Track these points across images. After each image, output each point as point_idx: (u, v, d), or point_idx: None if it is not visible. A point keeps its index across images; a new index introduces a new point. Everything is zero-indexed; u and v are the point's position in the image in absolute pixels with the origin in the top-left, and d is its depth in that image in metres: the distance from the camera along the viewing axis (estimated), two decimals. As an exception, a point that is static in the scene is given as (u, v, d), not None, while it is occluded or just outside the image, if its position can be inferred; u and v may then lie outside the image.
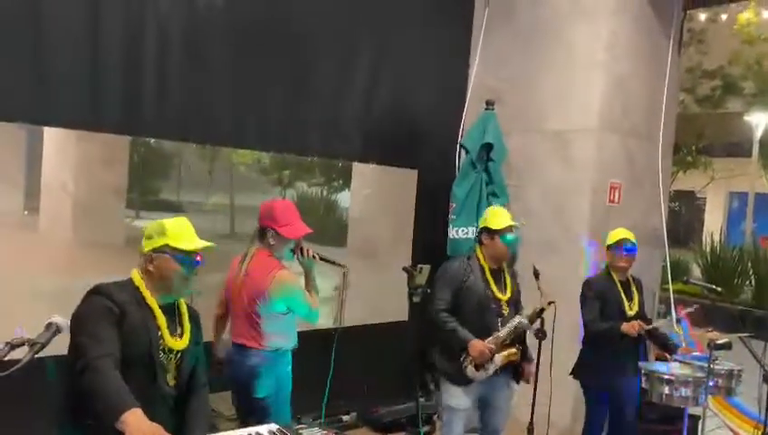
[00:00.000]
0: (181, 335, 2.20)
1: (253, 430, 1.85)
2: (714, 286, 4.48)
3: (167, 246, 2.15)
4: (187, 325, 2.24)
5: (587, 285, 3.86)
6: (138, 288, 2.14)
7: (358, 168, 6.07)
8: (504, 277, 3.47)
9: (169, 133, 3.92)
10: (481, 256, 3.42)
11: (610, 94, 4.78)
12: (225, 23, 3.89)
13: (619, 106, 4.86)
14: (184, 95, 3.78)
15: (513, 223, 3.43)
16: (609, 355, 3.71)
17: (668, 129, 5.27)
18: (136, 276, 2.17)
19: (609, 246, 3.83)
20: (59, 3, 3.32)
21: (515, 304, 3.48)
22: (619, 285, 3.80)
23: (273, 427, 1.88)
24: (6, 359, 1.59)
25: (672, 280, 5.42)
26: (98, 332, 1.96)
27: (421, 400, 4.44)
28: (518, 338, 3.37)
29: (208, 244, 2.21)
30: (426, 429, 4.60)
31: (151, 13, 3.60)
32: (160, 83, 3.69)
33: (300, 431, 1.83)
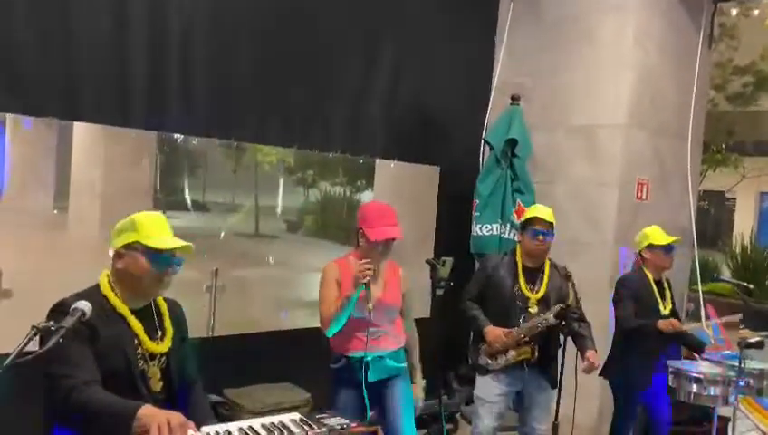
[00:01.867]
0: (163, 338, 2.08)
1: (276, 418, 1.84)
2: (745, 284, 4.38)
3: (138, 243, 2.00)
4: (169, 326, 2.12)
5: (622, 282, 3.82)
6: (105, 297, 2.00)
7: (380, 166, 6.06)
8: (543, 277, 3.41)
9: (194, 129, 3.94)
10: (518, 253, 3.44)
11: (639, 89, 4.70)
12: (249, 19, 3.90)
13: (648, 101, 4.77)
14: (208, 92, 3.79)
15: (540, 215, 3.37)
16: (641, 353, 3.66)
17: (698, 125, 5.17)
18: (104, 282, 2.04)
19: (654, 246, 3.76)
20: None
21: (549, 305, 3.36)
22: (653, 284, 3.75)
23: (296, 416, 1.87)
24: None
25: (702, 280, 5.32)
26: (71, 357, 1.83)
27: (444, 398, 4.41)
28: (538, 338, 3.32)
29: (184, 243, 2.04)
30: (448, 426, 4.57)
31: (175, 9, 3.63)
32: (185, 80, 3.70)
33: (322, 420, 1.83)
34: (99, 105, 3.47)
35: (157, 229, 2.04)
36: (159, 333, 2.08)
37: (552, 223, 3.39)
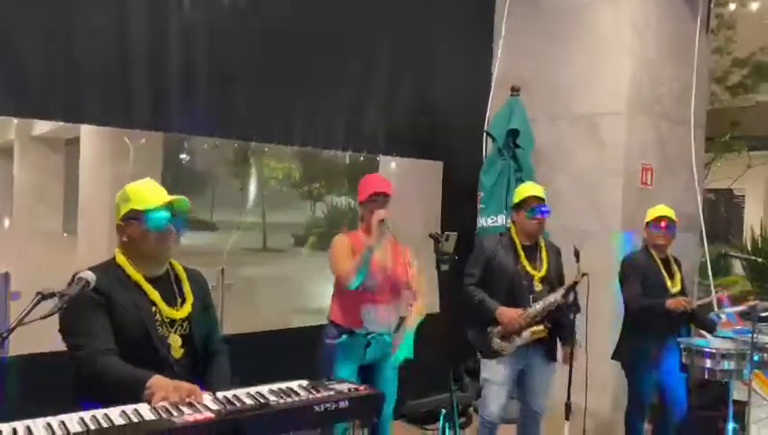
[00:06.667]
0: (182, 304, 2.06)
1: (284, 384, 1.84)
2: (755, 258, 4.33)
3: (132, 211, 2.01)
4: (189, 292, 2.10)
5: (626, 261, 3.77)
6: (120, 266, 2.01)
7: (384, 164, 6.07)
8: (541, 254, 3.41)
9: (196, 129, 3.98)
10: (513, 233, 3.43)
11: (638, 76, 4.71)
12: (249, 18, 3.94)
13: (648, 88, 4.78)
14: (209, 91, 3.83)
15: (534, 193, 3.38)
16: (652, 334, 3.61)
17: (699, 110, 5.16)
18: (118, 254, 2.04)
19: (647, 223, 3.75)
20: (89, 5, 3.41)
21: (551, 283, 3.40)
22: (659, 263, 3.70)
23: (304, 382, 1.87)
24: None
25: (713, 275, 5.25)
26: (87, 326, 1.87)
27: (456, 392, 4.38)
28: (550, 317, 3.31)
29: (174, 197, 2.04)
30: (461, 420, 4.52)
31: (175, 8, 3.68)
32: (187, 80, 3.74)
33: (329, 386, 1.82)
34: (102, 106, 3.51)
35: (148, 193, 2.04)
36: (179, 299, 2.07)
37: (544, 199, 3.40)
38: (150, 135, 9.82)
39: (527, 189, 3.45)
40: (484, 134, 5.03)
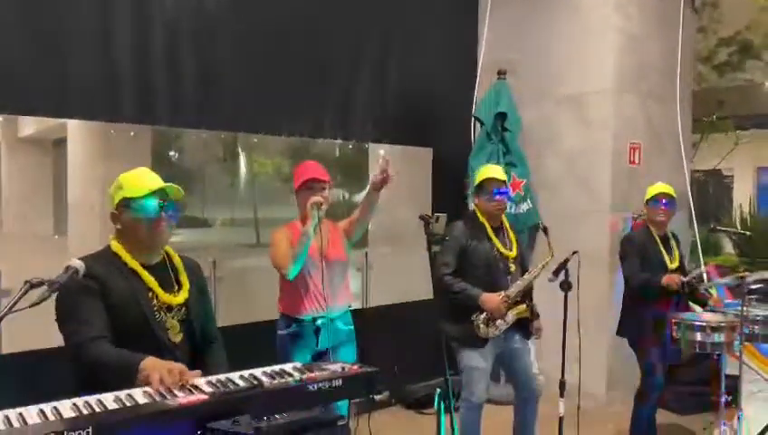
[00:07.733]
0: (179, 290, 2.09)
1: (277, 367, 1.84)
2: (744, 232, 4.35)
3: (124, 198, 2.03)
4: (185, 278, 2.13)
5: (627, 239, 3.81)
6: (116, 254, 2.03)
7: (373, 152, 6.05)
8: (508, 235, 3.42)
9: (183, 121, 3.95)
10: (480, 216, 3.38)
11: (623, 54, 4.73)
12: (235, 8, 3.92)
13: (634, 65, 4.80)
14: (196, 83, 3.81)
15: (492, 175, 3.36)
16: (653, 308, 3.63)
17: (686, 87, 5.19)
18: (113, 242, 2.07)
19: (647, 201, 3.79)
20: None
21: (523, 261, 3.46)
22: (658, 240, 3.75)
23: (298, 364, 1.87)
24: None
25: (702, 250, 5.30)
26: (80, 314, 1.89)
27: (453, 377, 4.39)
28: (526, 295, 3.35)
29: (165, 184, 2.05)
30: (457, 405, 4.55)
31: (160, 4, 3.65)
32: (173, 72, 3.72)
33: (323, 367, 1.83)
34: (88, 102, 3.49)
35: (140, 180, 2.06)
36: (176, 286, 2.09)
37: (505, 181, 3.40)
38: (138, 132, 9.79)
39: (485, 172, 3.42)
40: (473, 119, 5.04)
